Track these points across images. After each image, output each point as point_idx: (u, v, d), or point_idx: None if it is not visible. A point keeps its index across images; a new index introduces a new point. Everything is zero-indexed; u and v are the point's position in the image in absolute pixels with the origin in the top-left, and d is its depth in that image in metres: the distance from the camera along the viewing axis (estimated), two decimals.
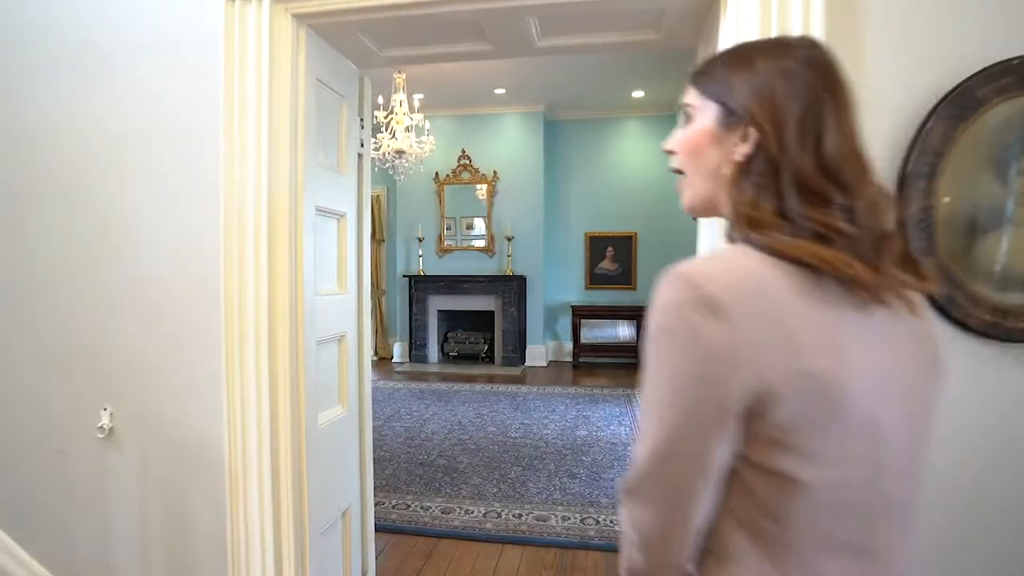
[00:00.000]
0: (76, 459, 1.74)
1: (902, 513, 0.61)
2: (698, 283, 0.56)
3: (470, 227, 7.31)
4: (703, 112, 0.68)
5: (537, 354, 7.21)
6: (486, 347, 7.37)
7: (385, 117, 5.21)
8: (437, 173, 7.23)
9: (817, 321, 0.55)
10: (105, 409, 1.68)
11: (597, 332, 7.15)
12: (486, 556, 2.63)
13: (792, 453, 0.55)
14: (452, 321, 7.59)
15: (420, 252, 7.24)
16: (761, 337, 0.54)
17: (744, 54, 0.67)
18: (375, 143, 5.34)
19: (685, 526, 0.59)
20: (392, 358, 7.72)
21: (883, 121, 1.28)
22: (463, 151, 7.20)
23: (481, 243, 7.25)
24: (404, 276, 7.32)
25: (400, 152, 5.30)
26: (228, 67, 1.49)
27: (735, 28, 1.37)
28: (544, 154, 7.09)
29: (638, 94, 6.56)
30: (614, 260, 7.36)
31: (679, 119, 0.76)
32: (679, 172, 0.73)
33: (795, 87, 0.61)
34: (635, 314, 6.87)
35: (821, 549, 0.58)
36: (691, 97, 0.71)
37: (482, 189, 7.20)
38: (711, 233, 1.46)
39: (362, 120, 2.01)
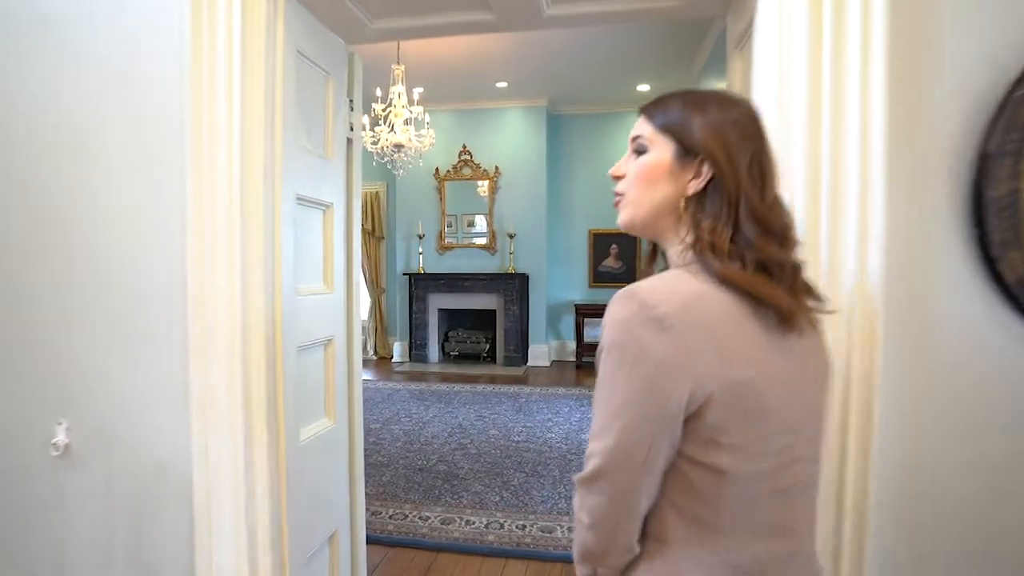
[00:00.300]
0: (27, 479, 1.55)
1: (810, 495, 0.73)
2: (649, 303, 0.64)
3: (471, 224, 7.15)
4: (659, 147, 0.73)
5: (540, 354, 7.08)
6: (488, 346, 7.23)
7: (383, 110, 5.04)
8: (437, 169, 7.06)
9: (746, 337, 0.65)
10: (60, 423, 1.50)
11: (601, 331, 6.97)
12: (488, 572, 2.48)
13: (723, 449, 0.64)
14: (453, 320, 7.46)
15: (420, 249, 7.09)
16: (702, 351, 0.63)
17: (697, 99, 0.73)
18: (373, 136, 5.16)
19: (632, 512, 0.68)
20: (392, 358, 7.59)
21: (956, 88, 1.09)
22: (464, 146, 7.03)
23: (483, 240, 7.10)
24: (404, 274, 7.19)
25: (399, 146, 5.14)
26: (196, 33, 1.30)
27: None
28: (547, 149, 6.94)
29: (643, 88, 6.38)
30: (618, 258, 7.23)
31: (628, 148, 0.77)
32: (619, 194, 0.78)
33: (743, 135, 0.69)
34: None
35: (749, 531, 0.67)
36: (644, 129, 0.75)
37: (483, 185, 7.04)
38: None
39: (352, 101, 1.82)
